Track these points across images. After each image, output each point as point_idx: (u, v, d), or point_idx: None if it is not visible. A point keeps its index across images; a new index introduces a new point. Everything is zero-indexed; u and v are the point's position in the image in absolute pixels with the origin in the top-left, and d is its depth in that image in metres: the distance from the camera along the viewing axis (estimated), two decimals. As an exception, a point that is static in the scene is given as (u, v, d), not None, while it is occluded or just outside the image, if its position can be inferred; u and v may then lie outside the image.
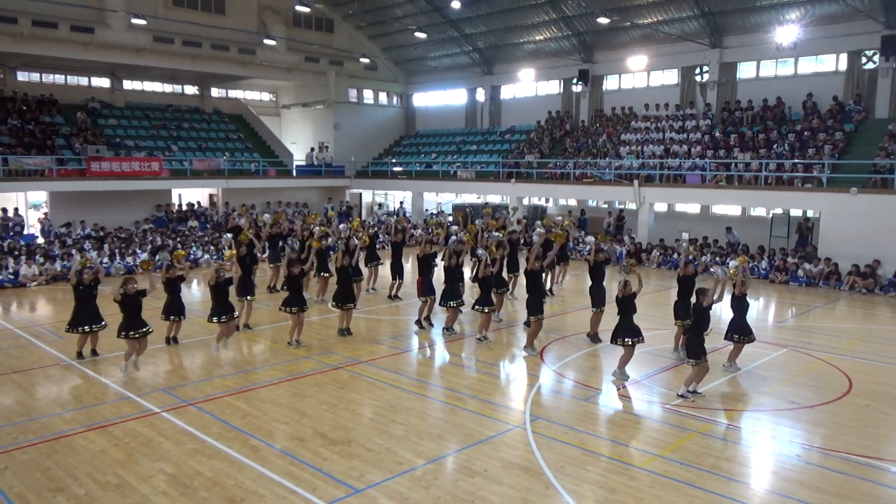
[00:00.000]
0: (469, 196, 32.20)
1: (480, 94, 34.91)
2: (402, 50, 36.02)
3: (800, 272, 19.93)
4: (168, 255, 12.42)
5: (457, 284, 13.22)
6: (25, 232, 23.78)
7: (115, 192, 25.66)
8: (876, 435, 8.66)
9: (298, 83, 35.12)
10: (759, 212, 24.32)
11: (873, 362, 11.89)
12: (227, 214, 28.25)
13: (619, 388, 10.22)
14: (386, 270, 17.80)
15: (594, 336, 12.84)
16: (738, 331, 10.93)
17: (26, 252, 20.08)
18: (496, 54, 33.53)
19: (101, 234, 23.80)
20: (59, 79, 29.85)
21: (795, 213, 22.61)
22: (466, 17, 30.96)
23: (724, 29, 25.94)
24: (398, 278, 16.49)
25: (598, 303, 12.77)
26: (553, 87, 32.55)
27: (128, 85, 31.84)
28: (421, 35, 30.48)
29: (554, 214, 27.96)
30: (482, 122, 35.17)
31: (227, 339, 11.92)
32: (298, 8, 29.54)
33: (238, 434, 8.42)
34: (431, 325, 13.97)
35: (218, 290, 11.72)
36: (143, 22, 25.26)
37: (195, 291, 18.25)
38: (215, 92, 35.06)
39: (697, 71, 27.20)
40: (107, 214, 25.58)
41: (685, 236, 22.15)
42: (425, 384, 10.64)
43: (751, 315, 12.25)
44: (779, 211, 22.85)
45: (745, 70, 26.41)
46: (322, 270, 16.04)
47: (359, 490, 7.02)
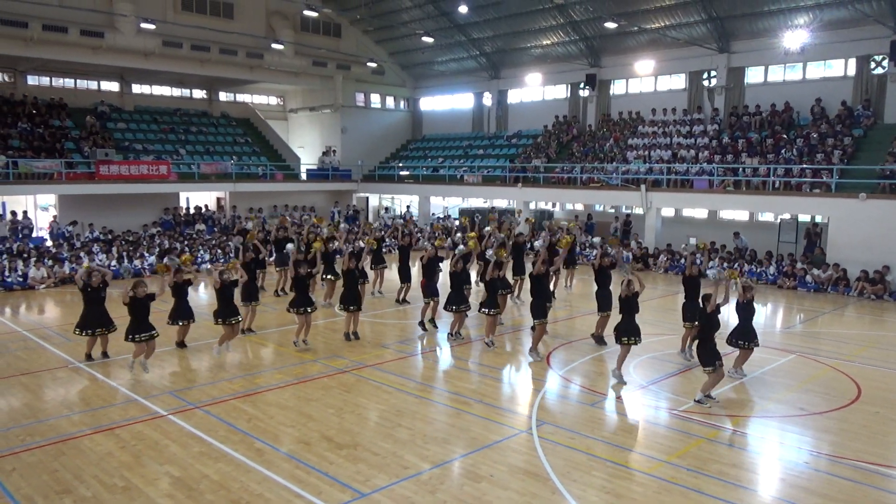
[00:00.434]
0: (476, 200, 32.21)
1: (487, 99, 34.91)
2: (410, 54, 36.10)
3: (808, 278, 19.83)
4: (176, 260, 12.48)
5: (462, 289, 13.23)
6: (34, 235, 23.93)
7: (123, 196, 25.87)
8: (885, 442, 8.60)
9: (306, 87, 35.27)
10: (767, 217, 24.21)
11: (882, 369, 11.81)
12: (234, 218, 28.41)
13: (617, 395, 10.19)
14: (392, 274, 17.81)
15: (599, 338, 12.89)
16: (742, 336, 10.84)
17: (35, 255, 20.21)
18: (503, 59, 33.55)
19: (110, 237, 23.94)
20: (69, 83, 30.04)
21: (804, 218, 22.49)
22: (474, 22, 31.00)
23: (731, 34, 25.88)
24: (406, 282, 16.52)
25: (605, 307, 12.80)
26: (560, 91, 32.51)
27: (136, 89, 32.00)
28: (428, 39, 30.60)
29: (560, 219, 27.94)
30: (489, 127, 35.17)
31: (229, 342, 11.96)
32: (306, 13, 29.76)
33: (244, 437, 8.44)
34: (436, 328, 13.97)
35: (223, 292, 11.78)
36: (152, 26, 25.45)
37: (202, 294, 18.31)
38: (223, 96, 35.27)
39: (705, 76, 27.14)
40: (115, 217, 25.76)
41: (693, 241, 22.08)
42: (431, 388, 10.63)
43: (759, 321, 12.20)
44: (787, 216, 22.74)
45: (753, 75, 26.33)
46: (329, 273, 16.08)
47: (364, 494, 7.02)
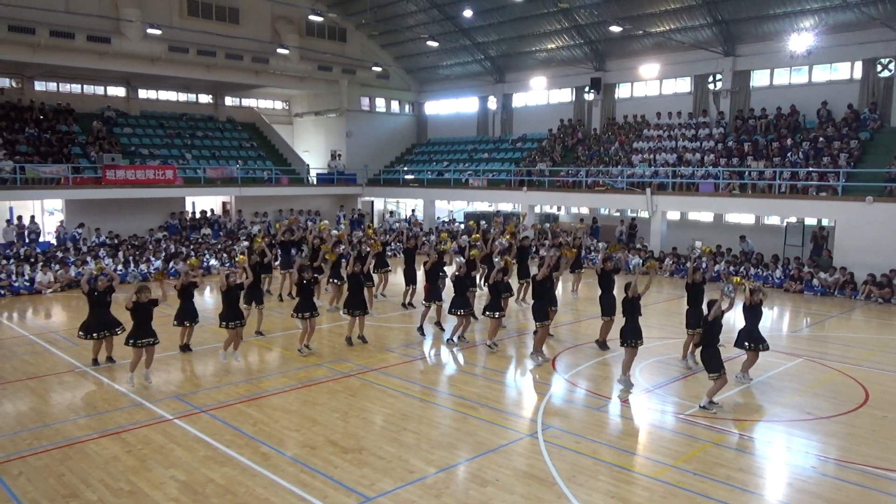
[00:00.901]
0: (481, 204, 32.20)
1: (492, 103, 34.95)
2: (415, 58, 36.19)
3: (815, 281, 19.74)
4: (184, 264, 12.53)
5: (467, 293, 13.23)
6: (41, 239, 24.05)
7: (129, 200, 25.98)
8: (894, 447, 8.53)
9: (311, 92, 35.39)
10: (774, 220, 24.12)
11: (890, 373, 11.74)
12: (239, 222, 28.48)
13: (623, 400, 10.15)
14: (395, 277, 17.80)
15: (602, 343, 12.89)
16: (750, 338, 10.80)
17: (42, 259, 20.29)
18: (508, 63, 33.59)
19: (116, 241, 24.05)
20: (76, 88, 30.20)
21: (810, 221, 22.41)
22: (478, 26, 31.06)
23: (737, 37, 25.84)
24: (411, 285, 16.53)
25: (608, 311, 12.78)
26: (565, 95, 32.52)
27: (143, 94, 32.16)
28: (433, 44, 30.68)
29: (566, 223, 27.91)
30: (494, 131, 35.21)
31: (234, 346, 11.95)
32: (312, 17, 29.87)
33: (249, 441, 8.44)
34: (443, 331, 13.97)
35: (228, 295, 11.81)
36: (158, 32, 25.63)
37: (207, 298, 18.36)
38: (229, 101, 35.39)
39: (710, 79, 27.10)
40: (121, 222, 25.87)
41: (698, 245, 22.02)
42: (436, 392, 10.62)
43: (765, 325, 12.14)
44: (793, 220, 22.66)
45: (759, 78, 26.28)
46: (334, 277, 16.10)
47: (370, 498, 7.01)
